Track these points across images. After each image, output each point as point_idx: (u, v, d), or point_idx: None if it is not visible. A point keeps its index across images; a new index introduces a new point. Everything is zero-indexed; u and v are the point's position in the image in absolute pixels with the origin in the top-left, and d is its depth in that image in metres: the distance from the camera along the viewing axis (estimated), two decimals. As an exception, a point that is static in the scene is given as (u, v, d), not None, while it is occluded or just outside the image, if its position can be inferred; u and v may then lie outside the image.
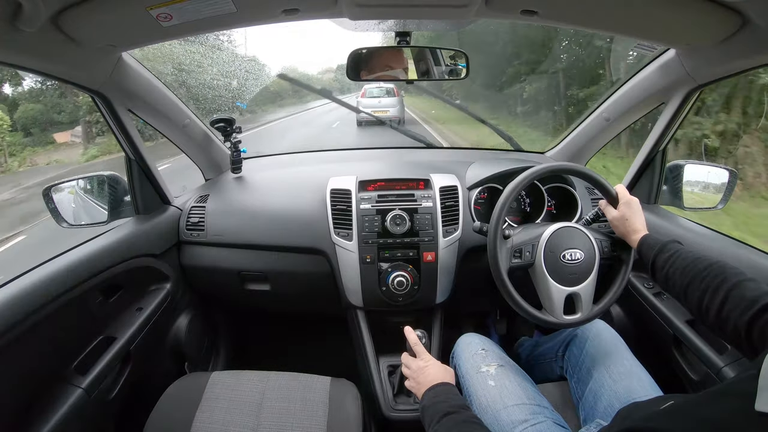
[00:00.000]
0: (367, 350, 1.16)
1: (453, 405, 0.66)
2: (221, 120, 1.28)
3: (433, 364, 0.79)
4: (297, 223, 1.19)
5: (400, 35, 0.97)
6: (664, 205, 1.20)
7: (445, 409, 0.65)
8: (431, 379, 0.74)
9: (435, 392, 0.71)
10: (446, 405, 0.66)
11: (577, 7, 0.75)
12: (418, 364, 0.80)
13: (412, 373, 0.80)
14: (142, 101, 1.03)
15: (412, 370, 0.80)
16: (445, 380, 0.74)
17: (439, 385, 0.72)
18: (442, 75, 1.04)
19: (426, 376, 0.76)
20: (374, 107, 8.62)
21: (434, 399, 0.69)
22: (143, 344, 1.02)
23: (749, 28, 0.71)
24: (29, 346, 0.76)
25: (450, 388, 0.72)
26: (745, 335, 0.57)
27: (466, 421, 0.62)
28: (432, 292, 1.15)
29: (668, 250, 0.75)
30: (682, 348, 0.96)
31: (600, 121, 1.31)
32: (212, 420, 0.84)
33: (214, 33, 0.99)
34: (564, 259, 0.85)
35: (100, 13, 0.67)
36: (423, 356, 0.82)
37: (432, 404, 0.69)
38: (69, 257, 0.88)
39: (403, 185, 1.19)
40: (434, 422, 0.64)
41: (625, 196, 0.87)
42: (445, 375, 0.76)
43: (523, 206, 1.26)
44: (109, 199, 1.11)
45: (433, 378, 0.75)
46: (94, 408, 0.85)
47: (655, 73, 1.04)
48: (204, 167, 1.42)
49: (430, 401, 0.70)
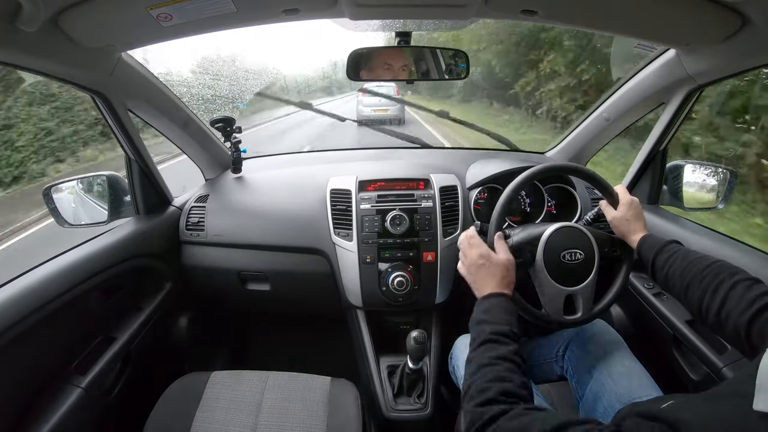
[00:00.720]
0: (367, 350, 1.16)
1: (496, 330, 0.62)
2: (221, 120, 1.28)
3: (494, 261, 0.72)
4: (297, 223, 1.19)
5: (400, 35, 0.97)
6: (664, 205, 1.20)
7: (488, 334, 0.61)
8: (489, 283, 0.70)
9: (486, 305, 0.67)
10: (490, 328, 0.62)
11: (577, 7, 0.75)
12: (473, 258, 0.73)
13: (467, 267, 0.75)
14: (142, 101, 1.03)
15: (468, 260, 0.75)
16: (501, 288, 0.69)
17: (492, 296, 0.68)
18: (442, 75, 1.04)
19: (483, 275, 0.71)
20: (375, 106, 8.76)
21: (483, 315, 0.65)
22: (143, 344, 1.02)
23: (749, 28, 0.70)
24: (29, 346, 0.76)
25: (501, 301, 0.67)
26: (745, 335, 0.57)
27: (502, 357, 0.58)
28: (432, 292, 1.15)
29: (668, 251, 0.75)
30: (682, 348, 0.96)
31: (600, 121, 1.31)
32: (212, 420, 0.84)
33: (214, 33, 0.99)
34: (564, 259, 0.84)
35: (100, 13, 0.67)
36: (481, 248, 0.74)
37: (479, 321, 0.64)
38: (69, 257, 0.89)
39: (403, 185, 1.19)
40: (475, 344, 0.61)
41: (626, 196, 0.87)
42: (505, 275, 0.71)
43: (523, 206, 1.26)
44: (109, 199, 1.11)
45: (491, 279, 0.70)
46: (94, 408, 0.85)
47: (655, 73, 1.04)
48: (204, 167, 1.42)
49: (479, 316, 0.66)
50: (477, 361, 0.60)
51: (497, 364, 0.58)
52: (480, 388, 0.55)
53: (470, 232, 0.81)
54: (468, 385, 0.58)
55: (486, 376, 0.56)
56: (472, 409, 0.53)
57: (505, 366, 0.57)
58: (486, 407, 0.52)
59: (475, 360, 0.60)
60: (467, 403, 0.55)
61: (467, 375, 0.60)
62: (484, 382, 0.55)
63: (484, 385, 0.55)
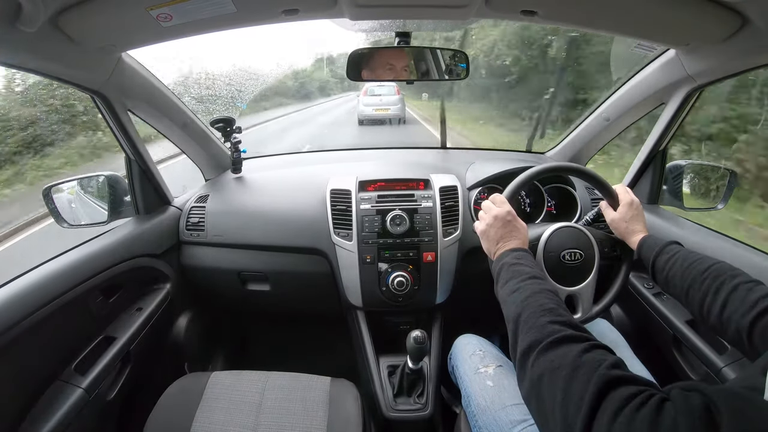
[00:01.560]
0: (367, 350, 1.16)
1: (539, 273, 0.65)
2: (221, 120, 1.28)
3: (520, 223, 0.77)
4: (297, 223, 1.19)
5: (400, 35, 0.97)
6: (664, 205, 1.20)
7: (532, 272, 0.64)
8: (516, 239, 0.74)
9: (520, 255, 0.70)
10: (532, 270, 0.65)
11: (577, 8, 0.75)
12: (502, 214, 0.76)
13: (494, 218, 0.77)
14: (142, 101, 1.03)
15: (495, 213, 0.77)
16: (527, 247, 0.74)
17: (521, 250, 0.72)
18: (442, 75, 1.04)
19: (509, 231, 0.75)
20: (376, 105, 8.92)
21: (519, 260, 0.68)
22: (143, 344, 1.02)
23: (749, 28, 0.70)
24: (29, 346, 0.76)
25: (532, 259, 0.71)
26: (746, 337, 0.57)
27: (552, 291, 0.60)
28: (432, 292, 1.15)
29: (668, 252, 0.74)
30: (682, 348, 0.96)
31: (600, 121, 1.31)
32: (212, 420, 0.84)
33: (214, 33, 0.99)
34: (564, 259, 0.84)
35: (100, 14, 0.67)
36: (509, 207, 0.78)
37: (516, 263, 0.67)
38: (69, 257, 0.89)
39: (403, 185, 1.19)
40: (519, 280, 0.63)
41: (626, 197, 0.87)
42: (526, 240, 0.76)
43: (523, 206, 1.26)
44: (109, 199, 1.11)
45: (518, 235, 0.74)
46: (94, 408, 0.85)
47: (655, 74, 1.04)
48: (204, 167, 1.42)
49: (514, 260, 0.68)
50: (530, 289, 0.60)
51: (553, 297, 0.59)
52: (546, 307, 0.55)
53: (496, 195, 0.83)
54: (522, 307, 0.57)
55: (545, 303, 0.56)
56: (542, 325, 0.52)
57: (553, 300, 0.58)
58: (557, 326, 0.51)
59: (526, 289, 0.60)
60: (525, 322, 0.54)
61: (514, 300, 0.60)
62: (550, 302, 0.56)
63: (552, 305, 0.55)
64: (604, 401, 0.40)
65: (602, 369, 0.43)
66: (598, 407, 0.40)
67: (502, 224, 0.76)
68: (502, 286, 0.66)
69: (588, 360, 0.45)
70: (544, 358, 0.48)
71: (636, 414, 0.38)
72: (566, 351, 0.47)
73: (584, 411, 0.40)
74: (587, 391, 0.41)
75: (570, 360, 0.45)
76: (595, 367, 0.43)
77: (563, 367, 0.45)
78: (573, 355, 0.46)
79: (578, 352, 0.46)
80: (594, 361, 0.44)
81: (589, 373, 0.43)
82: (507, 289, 0.63)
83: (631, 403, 0.38)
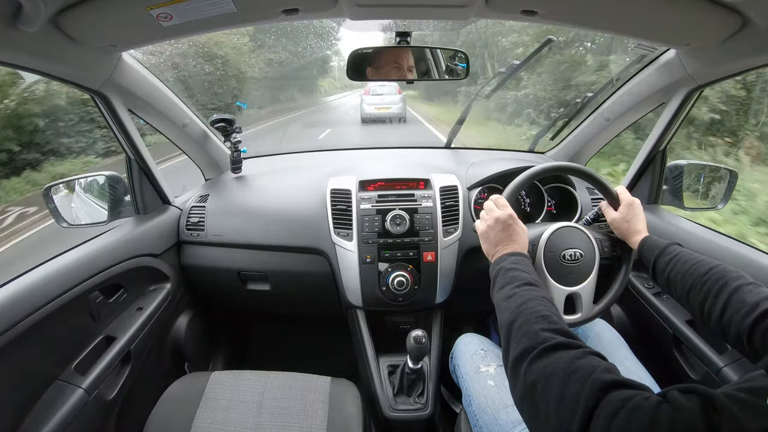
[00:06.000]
0: (367, 350, 1.16)
1: (535, 279, 0.65)
2: (221, 120, 1.28)
3: (520, 227, 0.77)
4: (297, 223, 1.19)
5: (400, 35, 0.97)
6: (664, 205, 1.20)
7: (528, 278, 0.64)
8: (516, 242, 0.74)
9: (517, 259, 0.70)
10: (528, 276, 0.65)
11: (577, 8, 0.75)
12: (503, 217, 0.76)
13: (495, 220, 0.76)
14: (142, 101, 1.03)
15: (496, 215, 0.77)
16: (525, 251, 0.74)
17: (520, 255, 0.71)
18: (442, 75, 1.04)
19: (509, 234, 0.75)
20: (377, 104, 9.21)
21: (516, 265, 0.68)
22: (143, 344, 1.02)
23: (749, 28, 0.70)
24: (29, 346, 0.76)
25: (530, 264, 0.71)
26: (747, 339, 0.57)
27: (547, 298, 0.60)
28: (432, 292, 1.15)
29: (669, 253, 0.74)
30: (682, 348, 0.96)
31: (600, 121, 1.31)
32: (212, 420, 0.84)
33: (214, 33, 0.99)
34: (564, 259, 0.85)
35: (100, 13, 0.67)
36: (511, 211, 0.78)
37: (512, 268, 0.67)
38: (69, 257, 0.89)
39: (403, 185, 1.19)
40: (514, 286, 0.63)
41: (627, 197, 0.87)
42: (526, 244, 0.76)
43: (523, 206, 1.26)
44: (109, 199, 1.11)
45: (517, 239, 0.74)
46: (94, 408, 0.85)
47: (655, 74, 1.04)
48: (204, 167, 1.42)
49: (511, 265, 0.68)
50: (525, 296, 0.60)
51: (547, 304, 0.58)
52: (540, 314, 0.54)
53: (497, 197, 0.83)
54: (516, 314, 0.57)
55: (540, 310, 0.56)
56: (535, 332, 0.51)
57: (550, 309, 0.57)
58: (550, 334, 0.50)
59: (521, 295, 0.60)
60: (519, 329, 0.54)
61: (508, 306, 0.59)
62: (544, 309, 0.55)
63: (546, 312, 0.55)
64: (600, 404, 0.40)
65: (597, 373, 0.43)
66: (594, 410, 0.40)
67: (502, 227, 0.76)
68: (497, 291, 0.66)
69: (582, 365, 0.45)
70: (537, 365, 0.48)
71: (633, 415, 0.38)
72: (560, 357, 0.47)
73: (580, 414, 0.40)
74: (583, 394, 0.41)
75: (564, 365, 0.46)
76: (590, 372, 0.43)
77: (557, 372, 0.45)
78: (567, 360, 0.46)
79: (572, 358, 0.46)
80: (589, 366, 0.44)
81: (584, 377, 0.43)
82: (502, 295, 0.63)
83: (628, 405, 0.39)
